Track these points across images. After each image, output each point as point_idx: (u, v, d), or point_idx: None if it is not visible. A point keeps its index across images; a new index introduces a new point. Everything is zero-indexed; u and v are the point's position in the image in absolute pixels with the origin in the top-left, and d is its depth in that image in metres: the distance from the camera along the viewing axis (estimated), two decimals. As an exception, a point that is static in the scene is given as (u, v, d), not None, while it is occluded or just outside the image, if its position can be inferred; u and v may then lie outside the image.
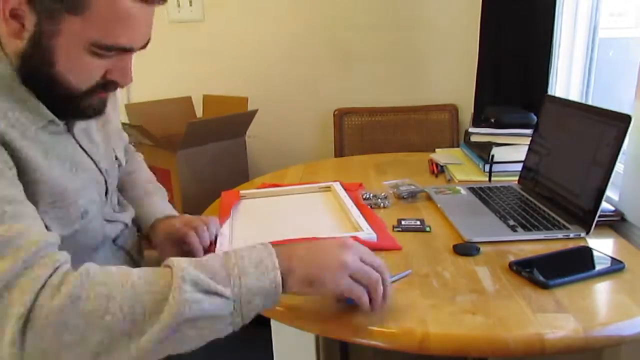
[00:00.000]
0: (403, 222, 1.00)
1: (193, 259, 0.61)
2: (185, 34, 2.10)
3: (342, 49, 2.08)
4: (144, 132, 1.59)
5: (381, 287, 0.65)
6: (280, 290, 0.61)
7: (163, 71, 2.11)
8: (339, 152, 2.08)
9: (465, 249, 0.86)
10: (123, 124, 1.63)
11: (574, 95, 1.58)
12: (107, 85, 0.72)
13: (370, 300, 0.64)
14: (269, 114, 2.08)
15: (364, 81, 2.10)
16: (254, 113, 1.81)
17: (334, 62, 2.09)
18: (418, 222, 0.99)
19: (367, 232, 0.91)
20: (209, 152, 1.72)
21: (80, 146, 0.80)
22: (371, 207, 1.09)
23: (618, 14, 1.46)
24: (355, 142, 2.09)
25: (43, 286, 0.53)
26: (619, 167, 0.93)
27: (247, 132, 1.88)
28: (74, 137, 0.79)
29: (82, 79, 0.70)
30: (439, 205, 1.07)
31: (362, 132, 2.09)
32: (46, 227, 0.65)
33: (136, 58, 0.79)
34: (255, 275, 0.60)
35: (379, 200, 1.11)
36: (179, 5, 2.06)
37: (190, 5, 2.06)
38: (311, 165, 1.51)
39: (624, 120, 0.86)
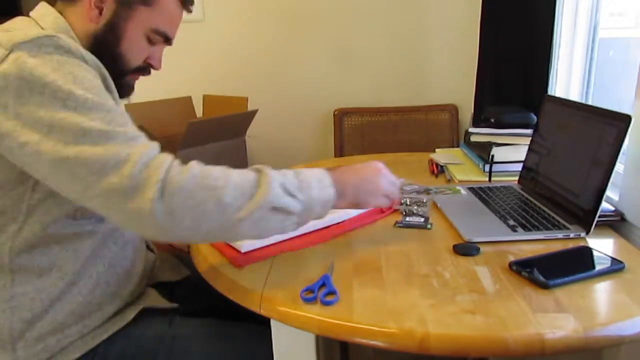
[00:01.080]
0: (407, 219, 1.01)
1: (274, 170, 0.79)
2: (185, 34, 2.10)
3: (342, 49, 2.08)
4: (144, 132, 1.59)
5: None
6: (333, 204, 0.81)
7: (163, 71, 2.11)
8: (339, 152, 2.08)
9: (465, 249, 0.86)
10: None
11: (574, 95, 1.58)
12: (144, 69, 0.93)
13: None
14: (269, 114, 2.08)
15: (364, 81, 2.10)
16: (254, 113, 1.81)
17: (334, 62, 2.09)
18: (422, 220, 1.00)
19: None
20: (209, 152, 1.72)
21: None
22: (405, 212, 1.06)
23: (618, 14, 1.46)
24: (355, 142, 2.09)
25: (170, 166, 0.70)
26: (619, 167, 0.93)
27: (247, 132, 1.88)
28: None
29: (135, 58, 0.89)
30: (439, 205, 1.07)
31: (362, 132, 2.09)
32: None
33: None
34: (318, 189, 0.79)
35: (418, 207, 1.07)
36: (179, 5, 2.06)
37: (190, 5, 2.06)
38: (311, 165, 1.51)
39: (624, 120, 0.86)
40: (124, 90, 0.91)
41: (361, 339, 0.66)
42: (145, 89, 2.12)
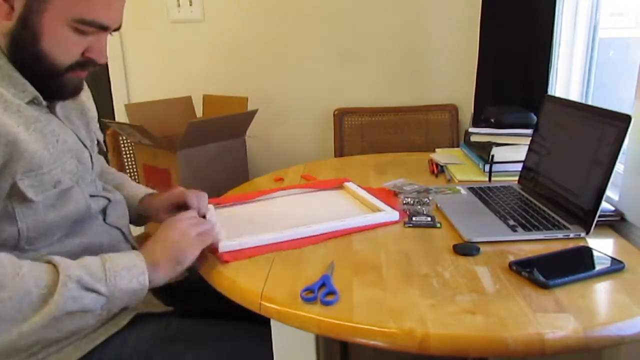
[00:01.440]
0: (414, 219, 1.01)
1: (75, 261, 0.72)
2: (185, 34, 2.10)
3: (342, 49, 2.08)
4: (144, 132, 1.59)
5: (215, 232, 0.88)
6: (146, 291, 0.76)
7: (163, 71, 2.11)
8: (339, 152, 2.08)
9: (465, 249, 0.86)
10: (123, 123, 1.63)
11: (574, 95, 1.58)
12: (86, 63, 0.81)
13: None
14: (269, 114, 2.08)
15: (364, 81, 2.10)
16: (254, 113, 1.81)
17: (334, 62, 2.09)
18: (429, 219, 1.01)
19: (389, 212, 1.01)
20: (209, 152, 1.72)
21: (63, 123, 0.86)
22: (411, 212, 1.05)
23: (618, 14, 1.46)
24: (355, 142, 2.09)
25: None
26: (619, 167, 0.93)
27: (247, 132, 1.88)
28: (56, 116, 0.85)
29: (64, 55, 0.77)
30: (438, 205, 1.07)
31: (362, 132, 2.09)
32: (22, 192, 0.74)
33: (137, 58, 0.81)
34: (127, 278, 0.74)
35: (420, 206, 1.07)
36: (179, 5, 2.06)
37: (190, 5, 2.06)
38: (311, 165, 1.51)
39: (624, 120, 0.86)
40: (66, 89, 0.83)
41: (361, 339, 0.66)
42: (145, 89, 2.13)
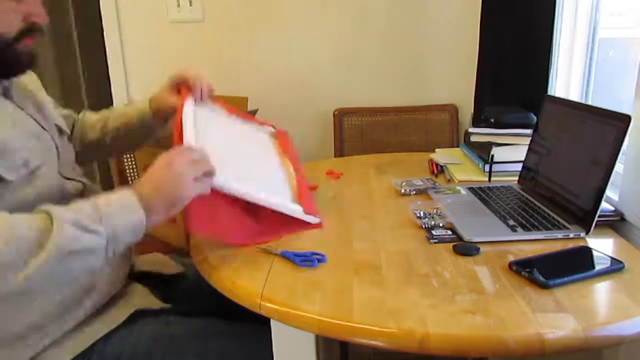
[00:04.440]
0: (434, 232, 0.93)
1: (66, 206, 0.71)
2: (185, 34, 2.10)
3: (342, 49, 2.08)
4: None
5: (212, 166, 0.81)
6: (144, 227, 0.74)
7: (163, 71, 2.11)
8: (339, 152, 2.08)
9: (465, 249, 0.86)
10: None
11: (574, 95, 1.58)
12: (31, 29, 0.80)
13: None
14: (269, 114, 2.08)
15: (364, 81, 2.10)
16: (254, 113, 1.81)
17: (334, 62, 2.09)
18: (449, 232, 0.94)
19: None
20: (209, 152, 1.72)
21: (17, 107, 0.84)
22: (427, 226, 0.97)
23: (618, 14, 1.46)
24: (355, 142, 2.09)
25: None
26: (618, 167, 0.93)
27: (247, 132, 1.88)
28: (12, 101, 0.84)
29: (5, 26, 0.76)
30: (438, 205, 1.07)
31: (362, 132, 2.09)
32: None
33: (137, 58, 0.80)
34: (123, 216, 0.72)
35: (437, 218, 0.99)
36: (179, 5, 2.06)
37: (190, 5, 2.06)
38: (311, 165, 1.51)
39: (624, 120, 0.86)
40: (20, 60, 0.81)
41: (361, 339, 0.66)
42: (145, 89, 2.12)
